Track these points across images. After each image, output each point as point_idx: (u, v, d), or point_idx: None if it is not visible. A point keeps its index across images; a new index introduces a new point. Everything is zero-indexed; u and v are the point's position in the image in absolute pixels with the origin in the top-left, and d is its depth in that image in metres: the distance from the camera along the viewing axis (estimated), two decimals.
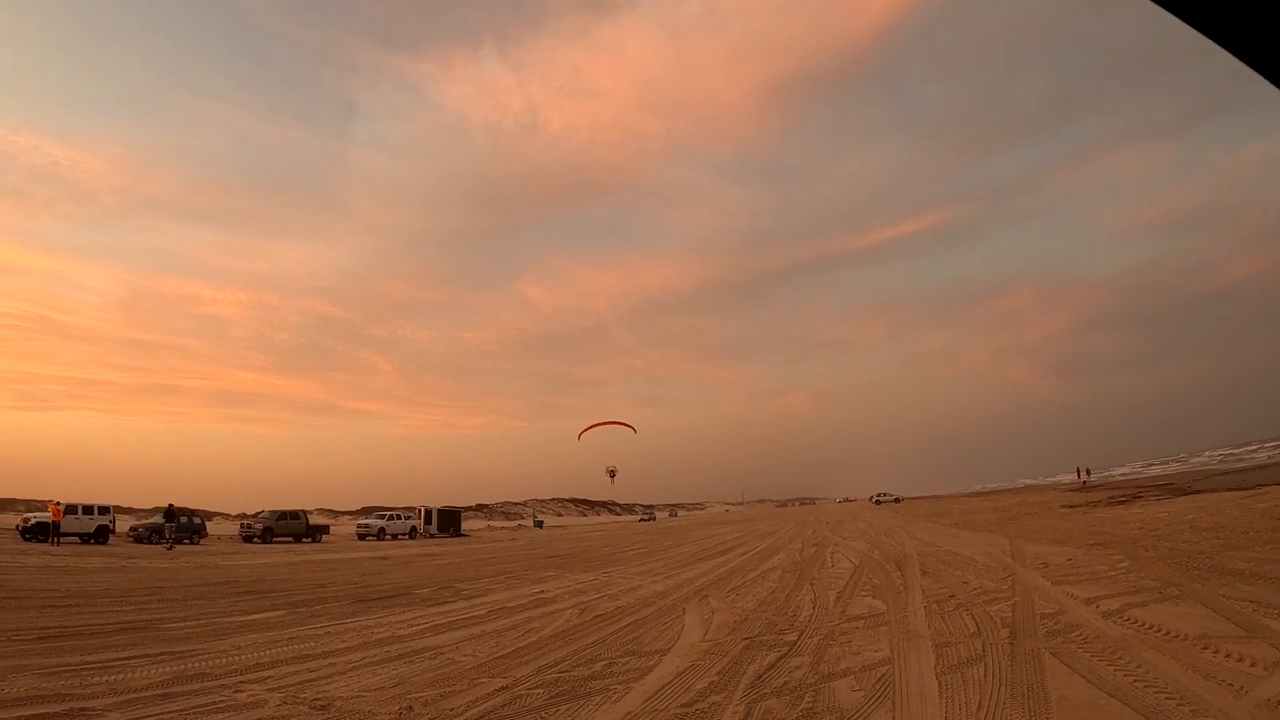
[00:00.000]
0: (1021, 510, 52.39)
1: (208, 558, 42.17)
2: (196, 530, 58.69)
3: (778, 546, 38.85)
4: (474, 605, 20.14)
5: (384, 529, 70.73)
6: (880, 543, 35.52)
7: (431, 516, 78.53)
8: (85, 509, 52.32)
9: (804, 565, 27.22)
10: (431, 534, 75.80)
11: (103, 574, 29.42)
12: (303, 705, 9.86)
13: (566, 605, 19.61)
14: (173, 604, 20.44)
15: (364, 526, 72.37)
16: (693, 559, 34.07)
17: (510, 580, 27.18)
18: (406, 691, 10.58)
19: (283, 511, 64.87)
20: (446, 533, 77.91)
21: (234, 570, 32.99)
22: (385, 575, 30.40)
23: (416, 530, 73.92)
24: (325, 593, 23.56)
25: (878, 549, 31.73)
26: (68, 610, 18.77)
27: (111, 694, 10.45)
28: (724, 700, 9.61)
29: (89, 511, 52.41)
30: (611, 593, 22.09)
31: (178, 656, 13.16)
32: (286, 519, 64.06)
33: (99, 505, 53.41)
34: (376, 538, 69.01)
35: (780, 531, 55.31)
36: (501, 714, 9.35)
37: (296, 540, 62.40)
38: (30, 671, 11.71)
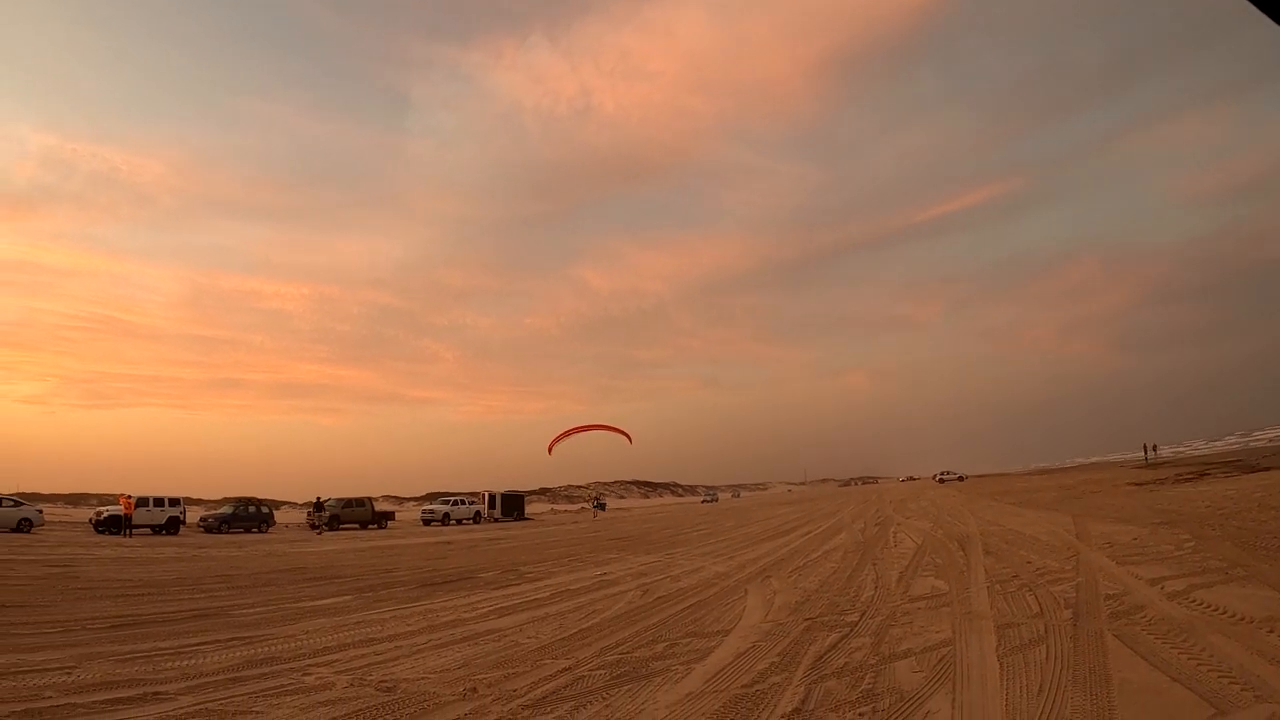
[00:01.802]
0: (1086, 488, 51.66)
1: (276, 545, 42.74)
2: (264, 519, 59.62)
3: (840, 526, 38.68)
4: (537, 588, 20.29)
5: (448, 514, 71.20)
6: (943, 522, 35.27)
7: (495, 501, 78.85)
8: (156, 501, 53.41)
9: (866, 545, 27.12)
10: (495, 518, 76.17)
11: (174, 563, 29.92)
12: (369, 687, 10.03)
13: (629, 587, 19.72)
14: (242, 591, 20.78)
15: (428, 512, 72.89)
16: (755, 540, 34.01)
17: (573, 563, 27.32)
18: (471, 673, 10.72)
19: (349, 499, 65.52)
20: (510, 516, 78.25)
21: (301, 557, 33.48)
22: (450, 560, 30.66)
23: (480, 515, 74.28)
24: (391, 578, 23.81)
25: (941, 528, 31.53)
26: (140, 599, 19.12)
27: (184, 678, 10.67)
28: (784, 681, 9.65)
29: (160, 504, 53.48)
30: (674, 574, 22.15)
31: (247, 642, 13.41)
32: (352, 506, 64.71)
33: (169, 497, 54.49)
34: (441, 523, 69.55)
35: (843, 511, 55.03)
36: (564, 695, 9.45)
37: (362, 527, 63.08)
38: (106, 658, 11.98)
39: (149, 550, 37.34)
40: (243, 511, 59.72)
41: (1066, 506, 36.70)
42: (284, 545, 42.77)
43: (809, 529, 38.81)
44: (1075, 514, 31.22)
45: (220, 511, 60.02)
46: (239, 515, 58.85)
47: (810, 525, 41.96)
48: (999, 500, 50.38)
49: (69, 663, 11.59)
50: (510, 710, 8.84)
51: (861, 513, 50.32)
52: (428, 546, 40.07)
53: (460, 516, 71.85)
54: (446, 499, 77.30)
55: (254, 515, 59.42)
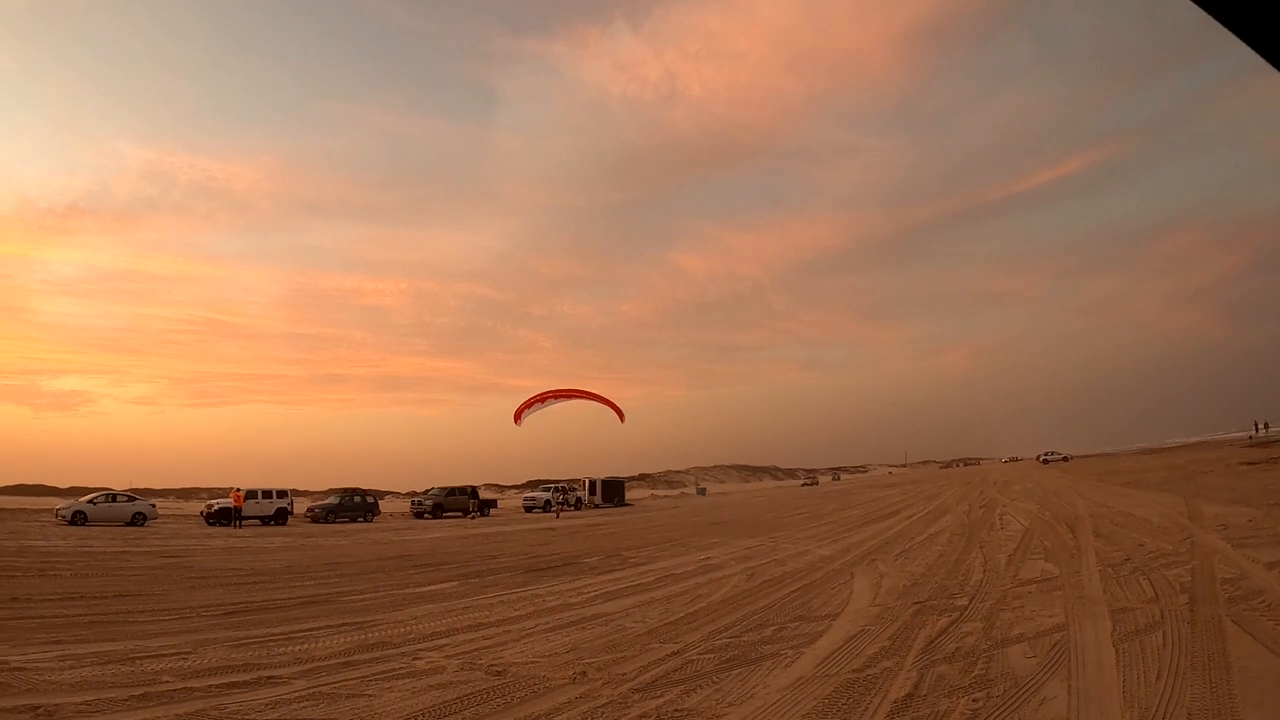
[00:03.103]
0: (1196, 468, 50.50)
1: (381, 534, 43.33)
2: (370, 508, 60.58)
3: (944, 509, 38.27)
4: (641, 573, 20.36)
5: (549, 500, 71.50)
6: (1050, 503, 34.74)
7: (596, 487, 79.18)
8: (265, 493, 55.17)
9: (972, 528, 26.81)
10: (596, 504, 76.46)
11: (283, 553, 30.53)
12: (479, 671, 10.10)
13: (733, 571, 19.67)
14: (350, 578, 21.08)
15: (530, 499, 73.35)
16: (858, 523, 33.79)
17: (676, 548, 27.34)
18: (580, 657, 10.78)
19: (452, 488, 66.22)
20: (611, 502, 78.54)
21: (407, 545, 33.85)
22: (553, 546, 30.87)
23: (582, 501, 74.59)
24: (496, 564, 24.03)
25: (1048, 510, 31.07)
26: (252, 587, 19.49)
27: (297, 663, 10.85)
28: (896, 666, 9.56)
29: (268, 496, 55.21)
30: (778, 558, 22.07)
31: (357, 627, 13.60)
32: (456, 494, 65.39)
33: (277, 489, 56.17)
34: (543, 509, 69.81)
35: (946, 493, 54.42)
36: (674, 678, 9.44)
37: (465, 514, 63.63)
38: (220, 644, 12.20)
39: (258, 540, 38.16)
40: (348, 502, 60.90)
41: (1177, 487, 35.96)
42: (389, 533, 43.38)
43: (912, 512, 38.47)
44: (1186, 495, 30.57)
45: (327, 502, 61.22)
46: (345, 505, 60.03)
47: (913, 508, 41.58)
48: (1105, 481, 49.51)
49: (185, 648, 11.83)
50: (620, 694, 8.85)
51: (965, 495, 49.75)
52: (530, 533, 40.37)
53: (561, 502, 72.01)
54: (548, 486, 77.74)
55: (359, 505, 60.56)
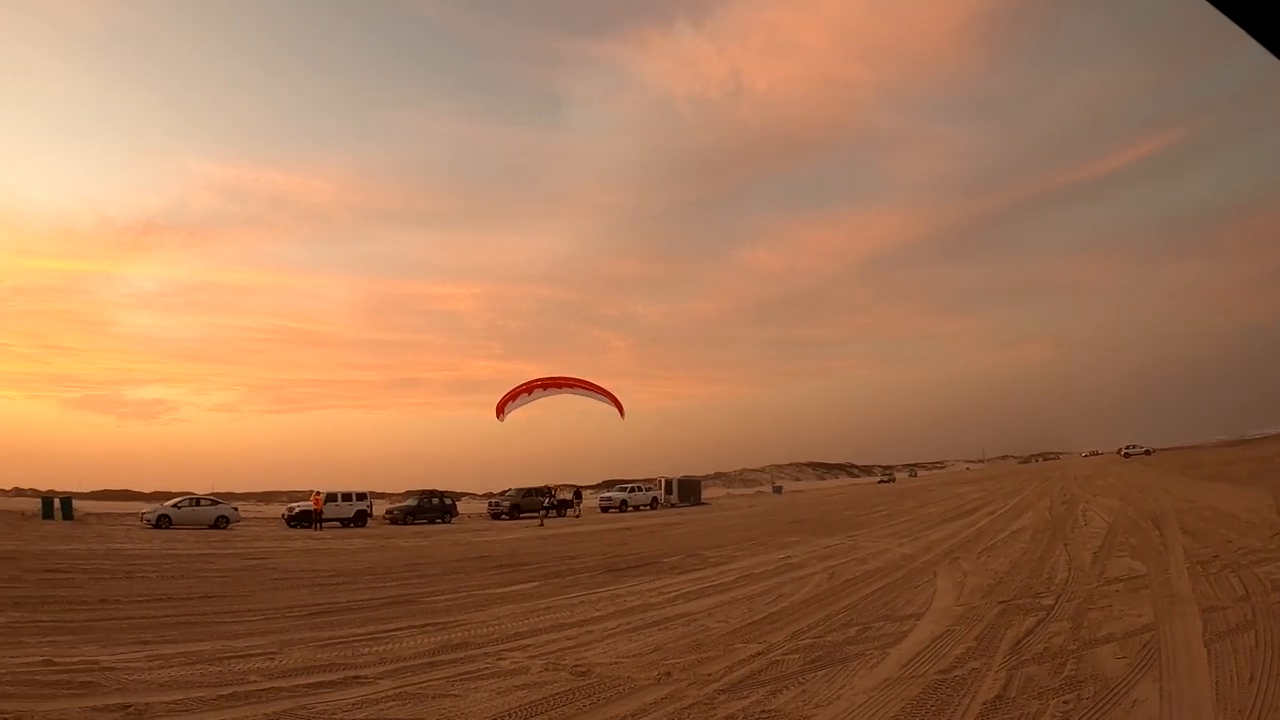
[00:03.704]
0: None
1: (460, 535, 43.61)
2: (448, 510, 61.10)
3: (1025, 505, 37.86)
4: (721, 572, 20.27)
5: (626, 500, 71.58)
6: (1133, 498, 34.25)
7: (672, 486, 78.98)
8: (345, 496, 55.91)
9: (1055, 524, 26.47)
10: (672, 504, 76.28)
11: (364, 554, 30.81)
12: (564, 671, 10.11)
13: (814, 570, 19.55)
14: (431, 579, 21.21)
15: (607, 499, 73.45)
16: (938, 520, 33.50)
17: (755, 546, 27.22)
18: (664, 657, 10.74)
19: (529, 488, 66.57)
20: (687, 502, 78.36)
21: (485, 546, 33.98)
22: (631, 545, 30.85)
23: (658, 501, 74.49)
24: (575, 564, 24.07)
25: (1131, 505, 30.62)
26: (334, 588, 19.67)
27: (382, 663, 10.93)
28: (983, 666, 9.44)
29: (348, 498, 55.99)
30: (859, 556, 21.91)
31: (441, 627, 13.67)
32: (533, 495, 65.71)
33: (357, 492, 56.96)
34: (619, 509, 69.94)
35: (1026, 489, 53.80)
36: (760, 679, 9.38)
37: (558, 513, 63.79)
38: (305, 644, 12.33)
39: (339, 542, 38.61)
40: (427, 503, 61.47)
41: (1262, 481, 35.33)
42: (468, 534, 43.62)
43: (993, 508, 38.09)
44: (1273, 489, 29.96)
45: (405, 504, 61.81)
46: (423, 507, 60.62)
47: (993, 504, 41.17)
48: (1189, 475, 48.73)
49: (271, 648, 11.98)
50: (706, 694, 8.81)
51: (1046, 490, 49.17)
52: (608, 533, 40.38)
53: (638, 503, 72.16)
54: (624, 486, 77.71)
55: (438, 506, 61.13)
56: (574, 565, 23.60)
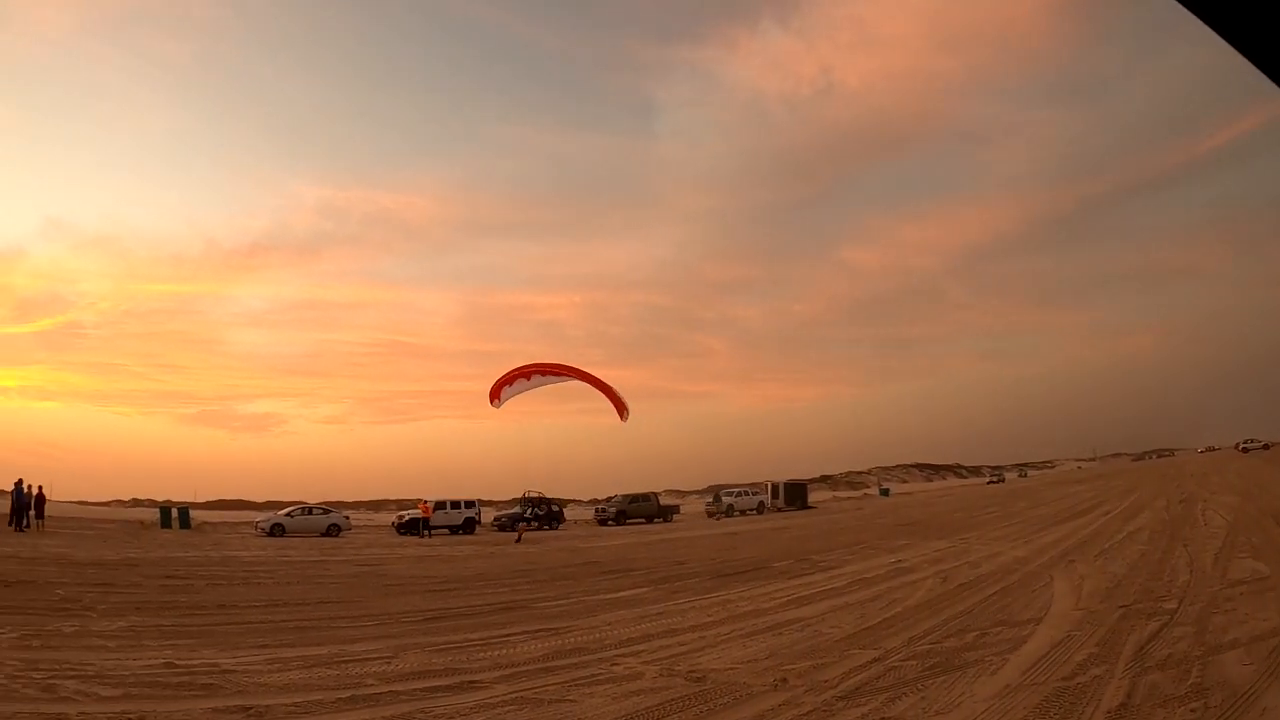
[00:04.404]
0: None
1: (567, 541, 43.87)
2: (554, 516, 61.51)
3: (1141, 504, 37.05)
4: (832, 577, 20.09)
5: (732, 505, 71.36)
6: (1253, 496, 33.37)
7: (778, 490, 78.53)
8: (453, 504, 56.63)
9: (1173, 524, 25.87)
10: (779, 508, 75.83)
11: (473, 560, 31.09)
12: (678, 677, 10.07)
13: (926, 574, 19.31)
14: (541, 585, 21.32)
15: (712, 504, 73.29)
16: (1051, 521, 32.88)
17: (864, 550, 26.96)
18: (779, 663, 10.64)
19: (635, 494, 66.73)
20: (793, 506, 77.68)
21: (594, 552, 34.12)
22: (739, 550, 30.70)
23: (764, 505, 74.12)
24: (684, 569, 23.98)
25: (1252, 503, 29.84)
26: (447, 594, 19.85)
27: (496, 668, 10.98)
28: (1105, 674, 9.23)
29: (456, 506, 56.65)
30: (971, 560, 21.59)
31: (553, 633, 13.71)
32: (639, 501, 65.87)
33: (465, 500, 57.63)
34: (725, 514, 69.67)
35: (1141, 488, 52.63)
36: (877, 685, 9.27)
37: (648, 521, 64.05)
38: (420, 649, 12.45)
39: (448, 549, 38.97)
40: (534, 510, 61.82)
41: None
42: (575, 540, 43.87)
43: (1107, 508, 37.32)
44: None
45: (513, 511, 62.28)
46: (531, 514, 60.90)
47: (1108, 504, 40.33)
48: None
49: (386, 653, 12.11)
50: (824, 701, 8.72)
51: (1162, 489, 48.06)
52: (715, 538, 40.25)
53: (744, 507, 71.82)
54: (730, 491, 77.52)
55: (545, 513, 61.42)
56: (683, 570, 23.55)
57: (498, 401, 34.31)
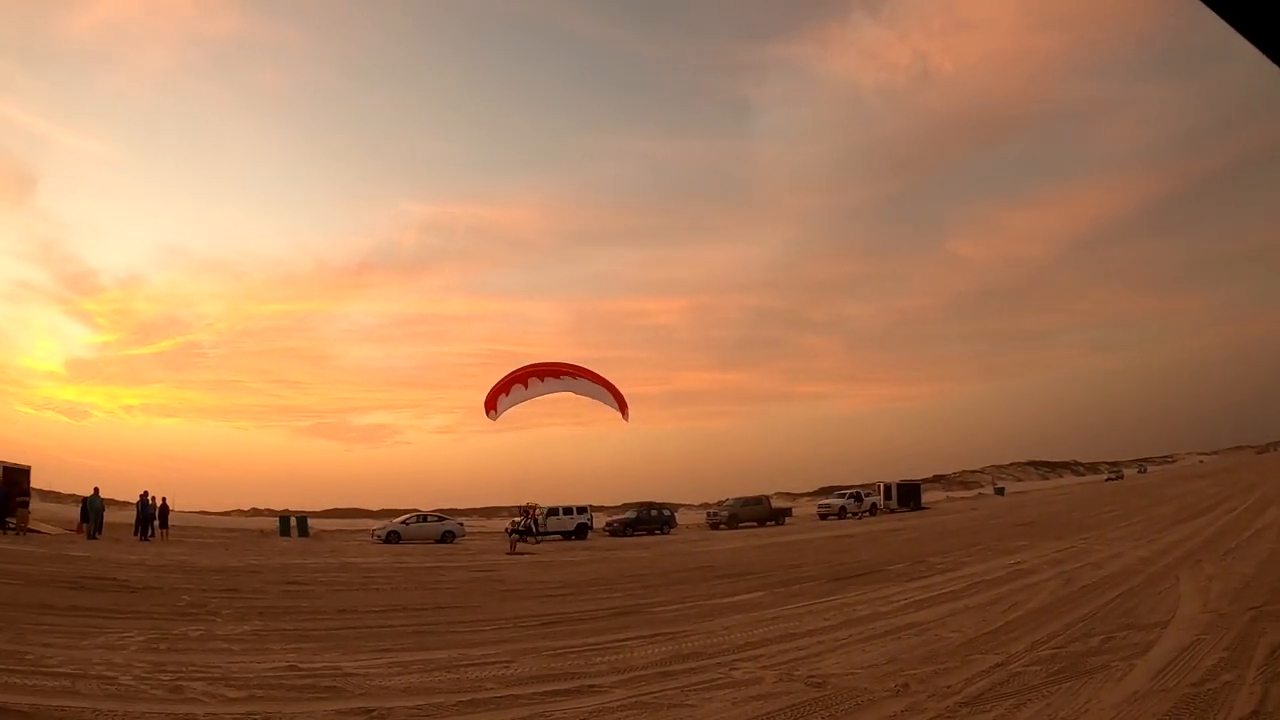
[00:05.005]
0: None
1: (679, 545, 43.91)
2: (666, 521, 61.76)
3: (1267, 500, 36.08)
4: (950, 579, 19.82)
5: (844, 507, 70.86)
6: None
7: (891, 491, 77.85)
8: (565, 510, 57.39)
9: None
10: (891, 509, 75.15)
11: (587, 565, 31.25)
12: (798, 682, 9.97)
13: (1047, 576, 18.96)
14: (656, 590, 21.28)
15: (825, 506, 72.90)
16: (1173, 520, 32.14)
17: (981, 552, 26.57)
18: (899, 668, 10.50)
19: (747, 498, 66.64)
20: (906, 506, 76.99)
21: (706, 556, 34.10)
22: (854, 553, 30.43)
23: (877, 506, 73.49)
24: (799, 573, 23.80)
25: None
26: (562, 599, 19.94)
27: (614, 672, 10.97)
28: (1236, 679, 8.95)
29: (569, 511, 57.44)
30: (1093, 561, 21.16)
31: (670, 637, 13.66)
32: (750, 504, 65.75)
33: (577, 505, 58.44)
34: (838, 516, 69.17)
35: (1266, 482, 51.20)
36: (1001, 691, 9.09)
37: (760, 524, 63.87)
38: (538, 653, 12.48)
39: (561, 554, 39.39)
40: (645, 515, 62.22)
41: None
42: (687, 545, 43.86)
43: (1231, 504, 36.41)
44: None
45: (624, 516, 62.75)
46: (642, 519, 61.47)
47: (1232, 500, 39.33)
48: None
49: (504, 657, 12.15)
50: (947, 707, 8.58)
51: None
52: (828, 540, 39.97)
53: (856, 509, 71.27)
54: (841, 492, 77.06)
55: (656, 518, 61.85)
56: (798, 574, 23.35)
57: (494, 413, 32.80)
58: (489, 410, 32.84)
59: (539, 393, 33.27)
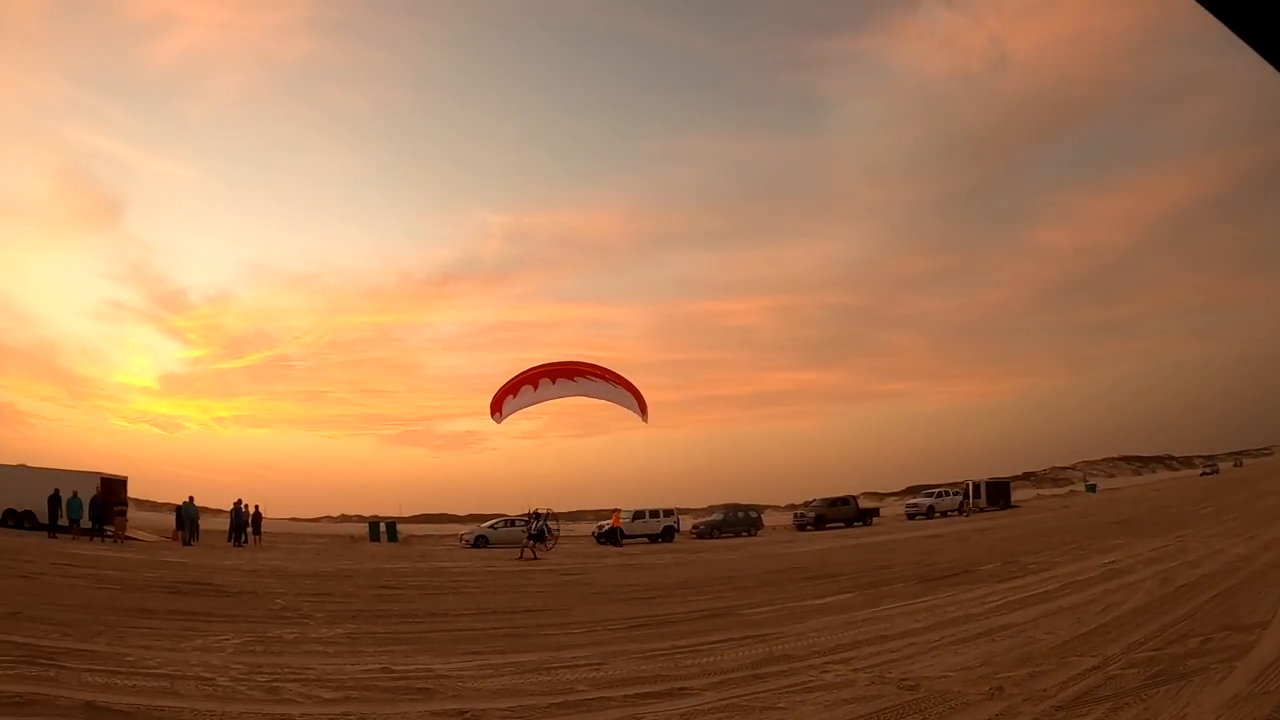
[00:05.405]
0: None
1: (767, 547, 43.82)
2: (753, 523, 61.75)
3: None
4: (1042, 580, 19.53)
5: (932, 506, 70.25)
6: None
7: (979, 490, 76.98)
8: (651, 513, 57.88)
9: None
10: (980, 508, 74.26)
11: (674, 568, 31.32)
12: (890, 685, 9.89)
13: (1143, 575, 18.62)
14: (744, 591, 21.26)
15: (912, 506, 72.39)
16: (1273, 515, 31.46)
17: (1074, 551, 26.11)
18: (993, 671, 10.37)
19: (833, 498, 66.36)
20: (995, 505, 76.06)
21: (794, 557, 33.95)
22: (943, 553, 30.13)
23: (965, 505, 72.78)
24: (888, 574, 23.65)
25: None
26: (650, 601, 20.01)
27: (705, 675, 10.95)
28: None
29: (655, 515, 57.91)
30: (1190, 559, 20.75)
31: (760, 639, 13.61)
32: (837, 505, 65.45)
33: (664, 509, 58.80)
34: (925, 516, 68.64)
35: None
36: (1097, 695, 8.94)
37: (847, 524, 63.52)
38: (628, 655, 12.52)
39: (649, 557, 39.53)
40: (732, 517, 62.34)
41: None
42: (774, 546, 43.78)
43: None
44: None
45: (711, 518, 62.85)
46: (729, 520, 61.61)
47: None
48: None
49: (595, 659, 12.20)
50: (1043, 711, 8.46)
51: None
52: (917, 540, 39.68)
53: (944, 508, 70.57)
54: (929, 491, 76.42)
55: (743, 520, 61.88)
56: (887, 575, 23.19)
57: (499, 415, 31.77)
58: (494, 413, 31.82)
59: (550, 395, 31.58)
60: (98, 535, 39.74)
